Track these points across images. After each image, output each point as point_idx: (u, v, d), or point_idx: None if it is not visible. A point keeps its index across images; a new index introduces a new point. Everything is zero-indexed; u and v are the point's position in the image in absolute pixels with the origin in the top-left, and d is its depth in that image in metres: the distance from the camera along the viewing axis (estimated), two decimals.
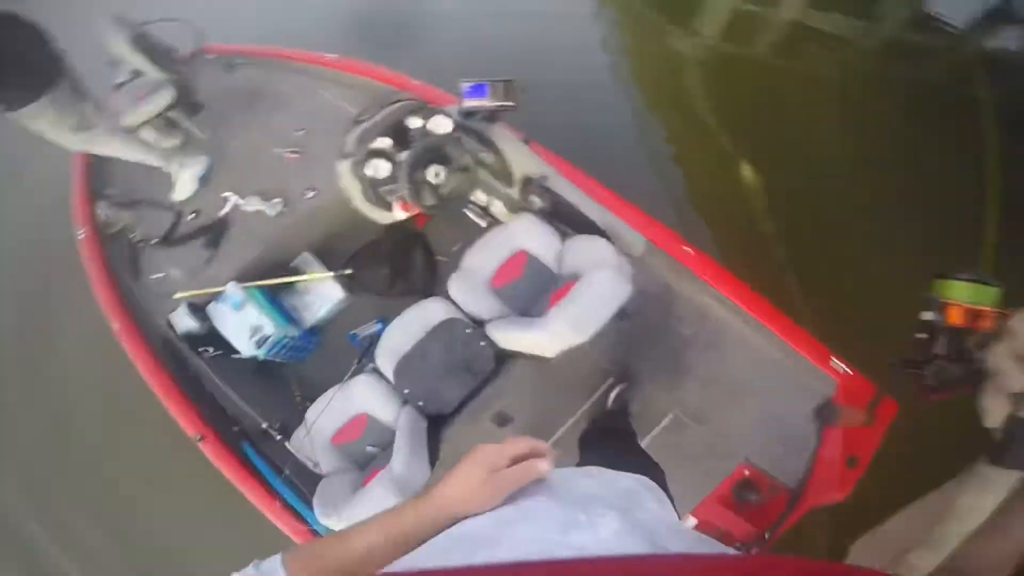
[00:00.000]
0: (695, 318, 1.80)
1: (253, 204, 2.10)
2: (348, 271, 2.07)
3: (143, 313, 2.05)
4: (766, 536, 1.51)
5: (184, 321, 1.93)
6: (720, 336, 1.77)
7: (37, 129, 2.00)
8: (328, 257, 2.17)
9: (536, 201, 1.78)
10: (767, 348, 1.69)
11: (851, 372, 1.56)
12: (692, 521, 1.57)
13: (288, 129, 2.34)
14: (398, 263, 2.07)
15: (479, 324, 1.73)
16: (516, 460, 0.59)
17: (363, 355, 1.99)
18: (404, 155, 1.66)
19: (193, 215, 2.23)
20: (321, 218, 2.14)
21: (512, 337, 1.56)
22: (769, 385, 1.68)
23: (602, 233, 1.74)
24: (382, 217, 1.79)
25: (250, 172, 2.26)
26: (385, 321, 2.07)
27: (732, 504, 1.56)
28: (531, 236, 1.80)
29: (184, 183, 2.33)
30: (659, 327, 1.80)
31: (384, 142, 1.68)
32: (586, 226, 1.76)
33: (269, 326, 1.88)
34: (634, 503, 0.64)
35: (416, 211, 1.70)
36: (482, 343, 1.68)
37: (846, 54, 3.36)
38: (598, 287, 1.44)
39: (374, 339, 2.02)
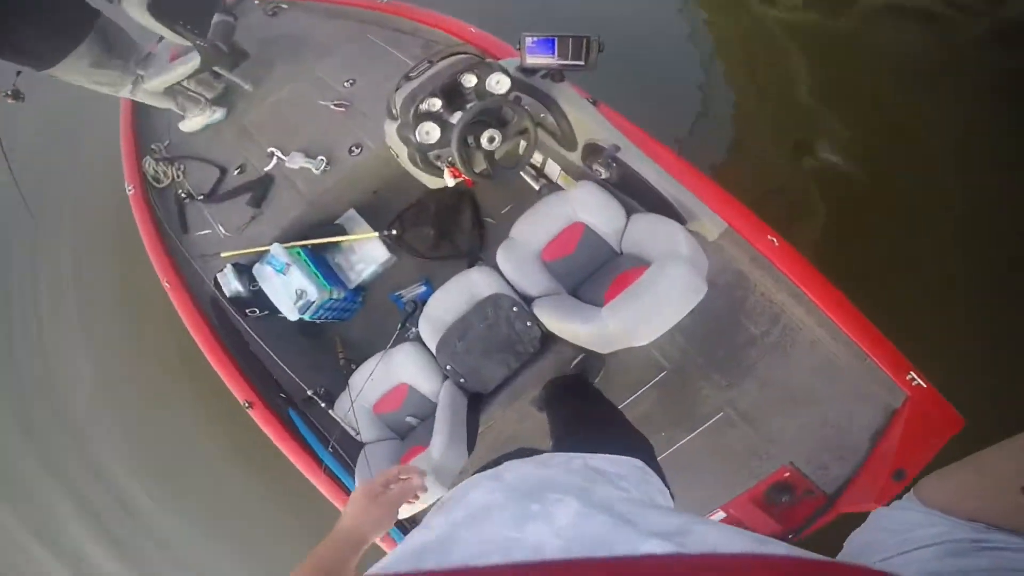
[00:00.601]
0: (767, 316, 1.63)
1: (297, 161, 2.02)
2: (393, 231, 1.98)
3: (192, 271, 2.04)
4: (790, 537, 1.46)
5: (231, 283, 1.92)
6: (790, 338, 1.61)
7: (72, 81, 2.00)
8: (374, 214, 2.09)
9: (601, 171, 1.61)
10: (840, 354, 1.55)
11: (925, 386, 1.43)
12: (720, 515, 1.54)
13: (335, 79, 2.23)
14: (444, 224, 1.98)
15: (526, 300, 1.62)
16: (390, 482, 0.72)
17: (406, 321, 1.94)
18: (456, 117, 1.53)
19: (238, 170, 2.18)
20: (367, 176, 2.05)
21: (562, 325, 1.45)
22: (831, 392, 1.55)
23: (675, 212, 1.57)
24: (431, 182, 1.68)
25: (295, 126, 2.18)
26: (430, 282, 2.00)
27: (763, 504, 1.52)
28: (592, 207, 1.65)
29: (194, 123, 2.35)
30: (725, 322, 1.65)
31: (434, 103, 1.54)
32: (656, 202, 1.59)
33: (313, 291, 1.84)
34: (594, 482, 0.64)
35: (462, 176, 1.57)
36: (528, 323, 1.58)
37: (955, 37, 2.79)
38: (668, 286, 1.27)
39: (418, 303, 1.96)
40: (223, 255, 1.98)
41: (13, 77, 1.91)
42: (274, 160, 2.10)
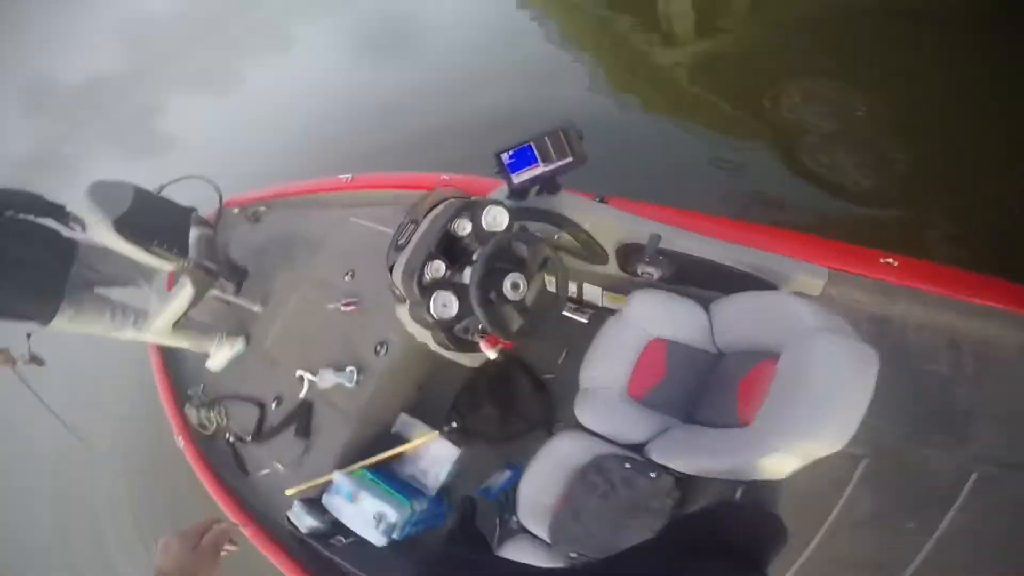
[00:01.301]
0: (942, 347, 1.25)
1: (328, 379, 1.84)
2: (453, 424, 1.74)
3: (264, 513, 1.90)
4: None
5: (304, 520, 1.73)
6: (990, 354, 1.22)
7: (77, 332, 1.91)
8: (428, 411, 1.87)
9: (651, 272, 1.35)
10: None
11: None
12: None
13: (334, 276, 2.10)
14: (503, 398, 1.74)
15: (635, 448, 1.32)
16: (202, 532, 0.74)
17: (503, 513, 1.65)
18: (468, 275, 1.32)
19: (275, 403, 2.04)
20: (404, 373, 1.85)
21: (701, 464, 1.13)
22: None
23: (758, 282, 1.28)
24: (471, 360, 1.46)
25: (313, 340, 2.03)
26: (515, 464, 1.72)
27: None
28: (660, 317, 1.37)
29: (220, 360, 2.23)
30: (899, 378, 1.27)
31: (437, 267, 1.33)
32: (731, 280, 1.31)
33: (391, 512, 1.60)
34: None
35: (505, 343, 1.34)
36: (652, 474, 1.25)
37: None
38: (831, 366, 0.96)
39: (508, 491, 1.68)
40: (288, 493, 1.80)
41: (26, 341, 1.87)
42: (306, 384, 1.94)
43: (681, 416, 1.33)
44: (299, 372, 1.97)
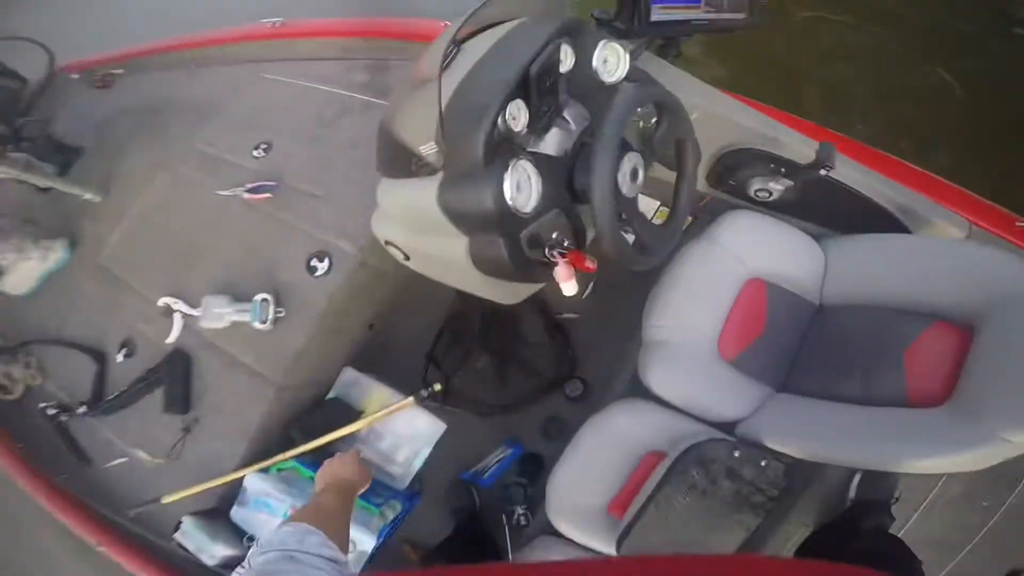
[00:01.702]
0: None
1: (218, 313, 1.15)
2: (436, 387, 1.21)
3: (126, 527, 1.21)
4: None
5: (206, 544, 1.11)
6: None
7: None
8: (383, 363, 1.32)
9: (772, 189, 0.99)
10: None
11: None
12: None
13: (235, 150, 1.37)
14: (501, 346, 1.28)
15: (723, 427, 0.99)
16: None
17: (505, 506, 1.22)
18: (549, 143, 0.79)
19: (124, 352, 1.29)
20: (357, 304, 1.24)
21: (845, 452, 0.88)
22: None
23: (894, 223, 1.06)
24: (505, 293, 0.94)
25: (194, 247, 1.30)
26: (515, 441, 1.28)
27: None
28: (766, 247, 1.05)
29: (22, 278, 1.48)
30: None
31: (516, 114, 0.72)
32: (857, 216, 1.06)
33: (360, 533, 1.08)
34: None
35: (591, 265, 0.82)
36: (763, 462, 0.94)
37: None
38: None
39: (520, 479, 1.24)
40: (165, 501, 1.14)
41: None
42: (177, 320, 1.23)
43: (775, 385, 1.04)
44: (164, 300, 1.24)
